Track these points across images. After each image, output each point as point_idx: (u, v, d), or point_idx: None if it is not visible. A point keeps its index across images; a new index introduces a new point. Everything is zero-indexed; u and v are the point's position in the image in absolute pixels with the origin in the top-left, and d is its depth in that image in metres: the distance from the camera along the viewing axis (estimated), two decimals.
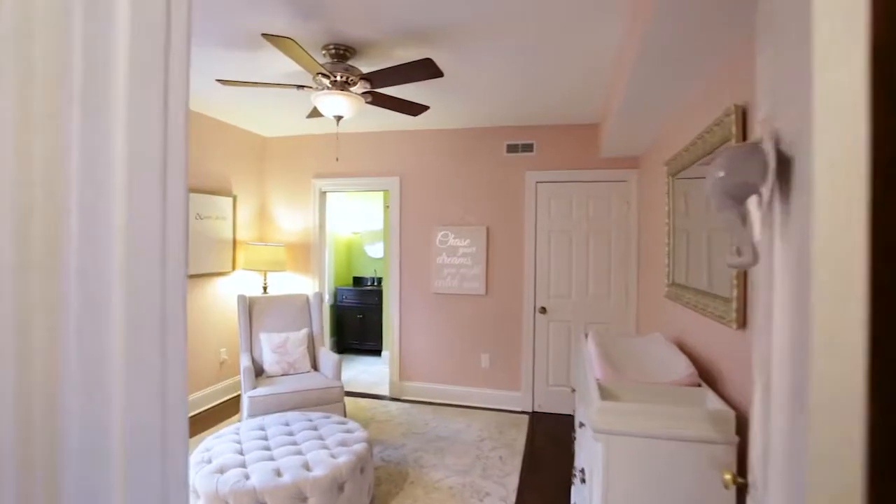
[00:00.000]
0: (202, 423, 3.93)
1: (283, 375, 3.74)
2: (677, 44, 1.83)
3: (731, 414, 1.51)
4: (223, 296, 4.49)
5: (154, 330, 0.76)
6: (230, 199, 4.53)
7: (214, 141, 4.36)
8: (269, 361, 3.75)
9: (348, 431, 2.79)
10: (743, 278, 1.69)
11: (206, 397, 4.28)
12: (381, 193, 6.18)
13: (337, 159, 2.53)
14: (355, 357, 6.40)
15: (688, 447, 1.52)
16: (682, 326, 2.49)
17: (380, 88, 2.69)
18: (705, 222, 2.17)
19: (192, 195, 4.06)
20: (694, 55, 1.93)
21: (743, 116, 1.73)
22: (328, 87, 2.58)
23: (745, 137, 1.72)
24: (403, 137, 4.64)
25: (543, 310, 4.30)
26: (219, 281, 4.44)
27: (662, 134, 3.09)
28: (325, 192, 4.92)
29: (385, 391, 4.81)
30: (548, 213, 4.31)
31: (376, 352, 6.38)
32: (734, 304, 1.72)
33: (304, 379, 3.63)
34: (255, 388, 3.41)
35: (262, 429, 2.82)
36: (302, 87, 2.64)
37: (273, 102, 3.81)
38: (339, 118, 2.70)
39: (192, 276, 4.09)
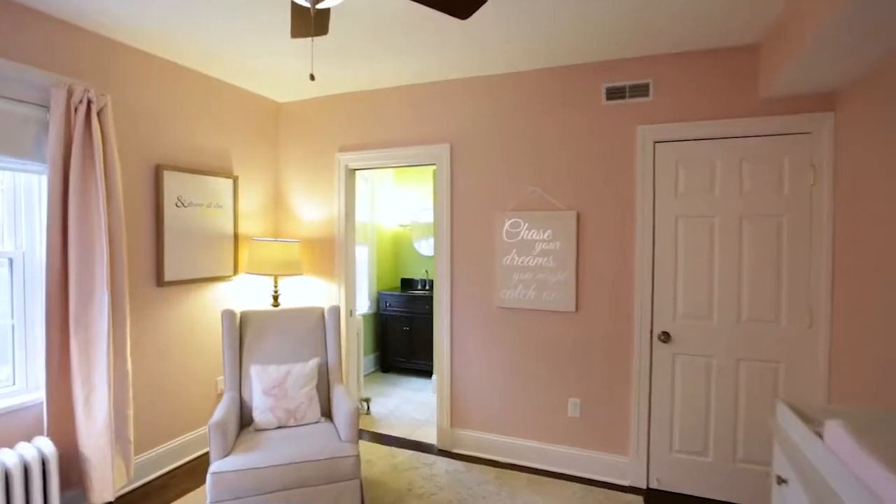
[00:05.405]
0: (177, 483, 2.87)
1: (278, 428, 2.58)
2: None
3: None
4: (222, 308, 3.44)
5: None
6: (230, 182, 3.45)
7: (209, 106, 3.29)
8: (260, 408, 2.60)
9: None
10: None
11: (195, 442, 3.24)
12: (431, 173, 4.91)
13: (312, 77, 1.27)
14: (400, 378, 5.20)
15: None
16: None
17: None
18: None
19: (172, 174, 3.01)
20: None
21: None
22: None
23: None
24: (454, 89, 3.33)
25: (666, 336, 2.84)
26: (216, 288, 3.39)
27: None
28: (353, 170, 3.73)
29: (432, 436, 3.57)
30: (673, 189, 2.82)
31: (426, 372, 5.15)
32: None
33: (304, 439, 2.44)
34: (226, 454, 2.27)
35: None
36: None
37: (282, 47, 2.63)
38: (316, 6, 1.44)
39: (173, 283, 3.05)
